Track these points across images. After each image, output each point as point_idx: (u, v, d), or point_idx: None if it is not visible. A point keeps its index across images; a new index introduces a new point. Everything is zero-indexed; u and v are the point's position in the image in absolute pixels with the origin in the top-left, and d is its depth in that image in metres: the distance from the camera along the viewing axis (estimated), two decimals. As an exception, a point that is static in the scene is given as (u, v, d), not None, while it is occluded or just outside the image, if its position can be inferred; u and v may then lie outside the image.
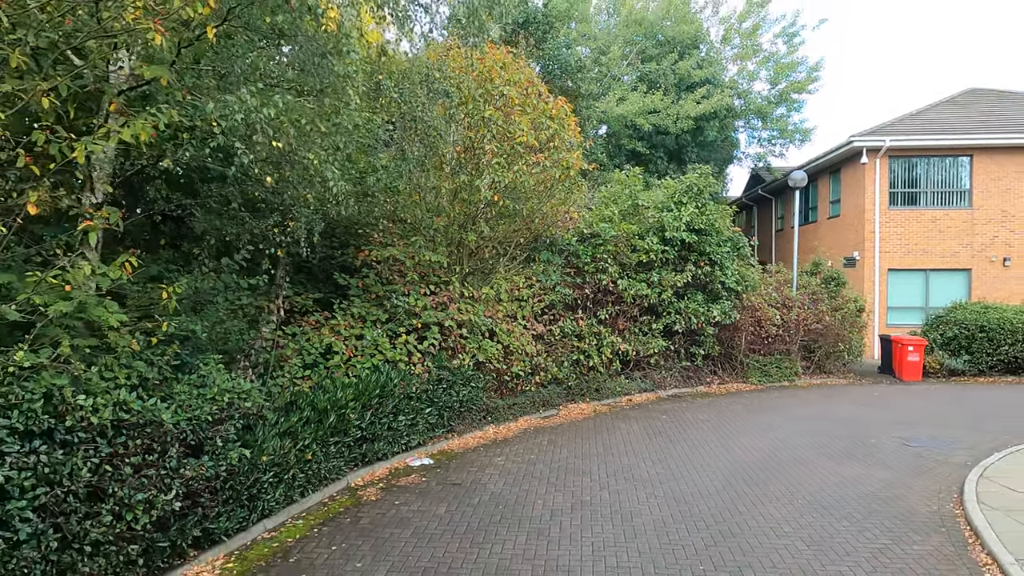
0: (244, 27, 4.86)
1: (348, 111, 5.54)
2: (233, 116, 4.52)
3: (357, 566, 5.59)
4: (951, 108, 22.26)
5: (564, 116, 10.24)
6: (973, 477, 7.68)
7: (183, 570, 5.36)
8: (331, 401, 7.31)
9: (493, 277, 10.58)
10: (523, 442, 9.59)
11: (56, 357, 4.06)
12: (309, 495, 7.02)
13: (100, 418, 4.30)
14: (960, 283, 20.35)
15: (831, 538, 6.08)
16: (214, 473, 5.55)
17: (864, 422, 10.86)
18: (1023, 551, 5.57)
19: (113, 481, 4.48)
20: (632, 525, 6.43)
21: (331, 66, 5.11)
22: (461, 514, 6.76)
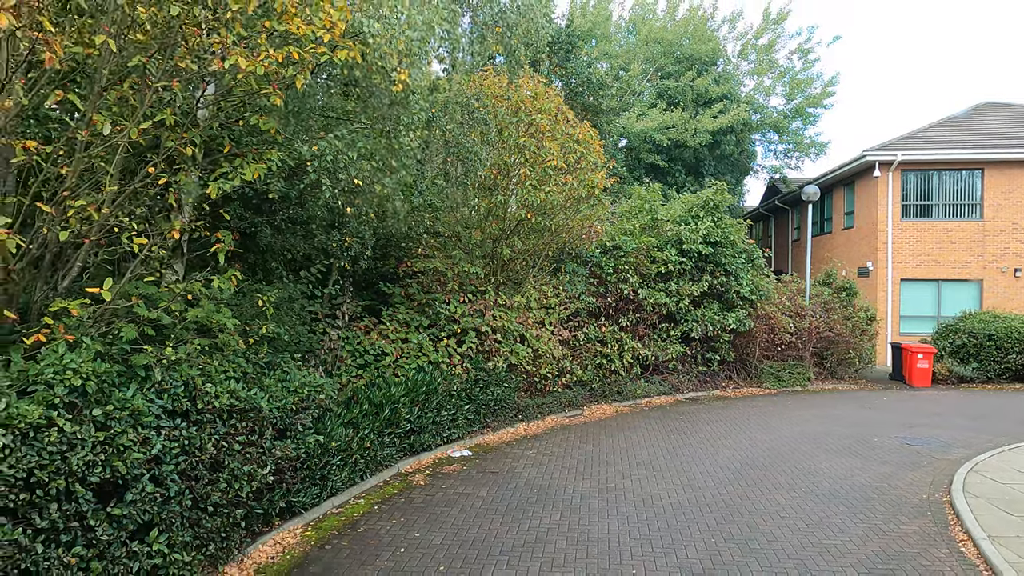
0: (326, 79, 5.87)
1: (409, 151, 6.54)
2: (325, 157, 5.53)
3: (416, 536, 6.55)
4: (964, 122, 22.86)
5: (590, 140, 11.20)
6: (963, 471, 8.46)
7: (272, 535, 6.36)
8: (386, 397, 8.31)
9: (524, 287, 11.54)
10: (551, 438, 10.51)
11: (188, 353, 5.07)
12: (367, 478, 8.00)
13: (220, 403, 5.32)
14: (972, 294, 20.91)
15: (828, 519, 6.92)
16: (296, 454, 6.56)
17: (869, 424, 11.62)
18: (994, 529, 6.39)
19: (227, 455, 5.49)
20: (652, 507, 7.33)
21: (398, 115, 6.12)
22: (500, 496, 7.70)
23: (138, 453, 4.36)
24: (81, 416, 3.97)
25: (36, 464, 3.61)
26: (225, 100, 4.99)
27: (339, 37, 4.80)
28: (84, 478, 3.95)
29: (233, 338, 5.67)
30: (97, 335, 4.42)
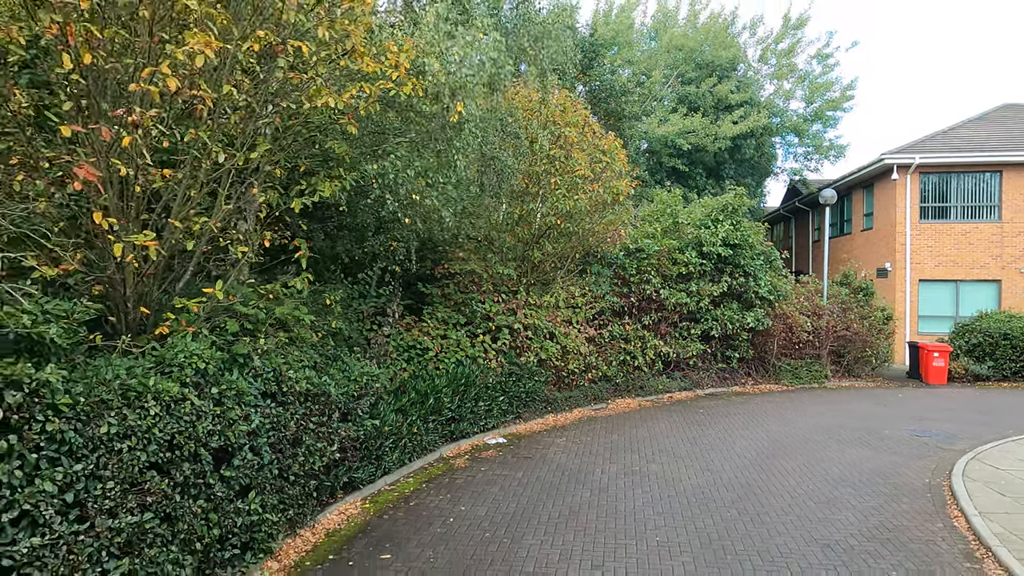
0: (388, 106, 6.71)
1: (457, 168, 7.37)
2: (387, 175, 6.37)
3: (461, 508, 7.37)
4: (982, 124, 23.17)
5: (615, 150, 11.96)
6: (965, 459, 9.09)
7: (336, 506, 7.23)
8: (429, 387, 9.17)
9: (552, 287, 12.34)
10: (579, 428, 11.29)
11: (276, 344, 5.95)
12: (414, 461, 8.85)
13: (300, 387, 6.19)
14: (990, 294, 21.24)
15: (835, 499, 7.62)
16: (356, 435, 7.42)
17: (882, 418, 12.22)
18: (986, 507, 7.05)
19: (304, 432, 6.35)
20: (673, 487, 8.08)
21: (451, 138, 6.95)
22: (535, 477, 8.50)
23: (242, 426, 5.23)
24: (204, 393, 4.85)
25: (176, 430, 4.48)
26: (305, 127, 5.84)
27: (404, 74, 5.64)
28: (207, 444, 4.82)
29: (308, 332, 6.54)
30: (208, 328, 5.30)
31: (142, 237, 4.19)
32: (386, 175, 6.39)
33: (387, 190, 6.56)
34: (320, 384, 6.62)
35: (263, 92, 4.87)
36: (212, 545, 5.02)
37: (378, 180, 6.46)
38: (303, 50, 4.68)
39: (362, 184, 6.62)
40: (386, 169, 6.39)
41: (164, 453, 4.39)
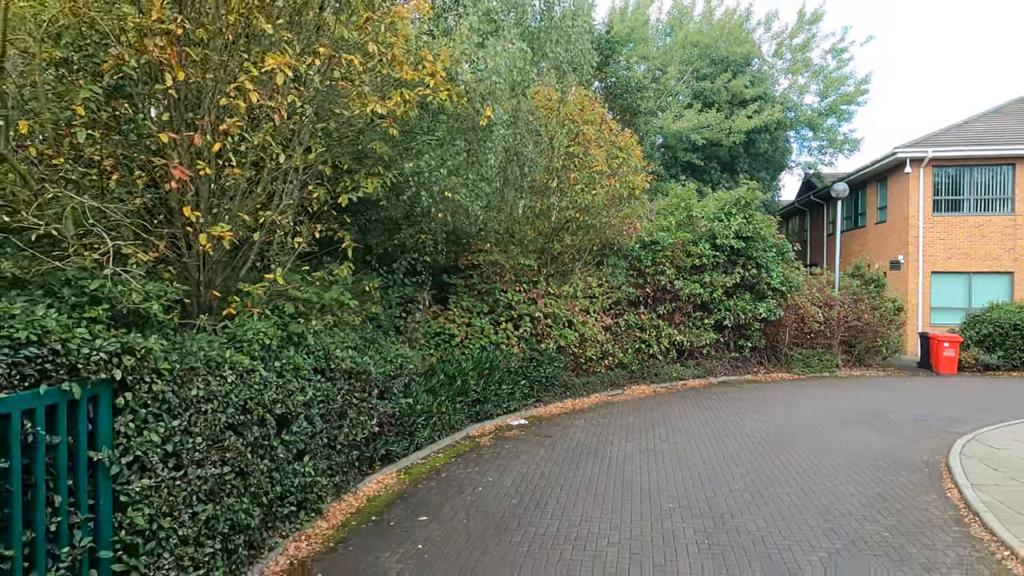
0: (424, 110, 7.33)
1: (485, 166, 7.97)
2: (422, 173, 6.99)
3: (489, 479, 8.00)
4: (996, 118, 23.33)
5: (631, 146, 12.50)
6: (964, 439, 9.57)
7: (375, 477, 7.89)
8: (457, 370, 9.81)
9: (571, 278, 12.92)
10: (596, 411, 11.89)
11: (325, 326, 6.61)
12: (443, 438, 9.51)
13: (345, 365, 6.84)
14: (1003, 286, 21.49)
15: (839, 472, 8.17)
16: (392, 412, 8.08)
17: (889, 404, 12.69)
18: (978, 480, 7.56)
19: (348, 406, 7.01)
20: (686, 462, 8.66)
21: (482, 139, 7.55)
22: (555, 453, 9.11)
23: (299, 396, 5.89)
24: (269, 366, 5.51)
25: (248, 396, 5.14)
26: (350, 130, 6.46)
27: (440, 81, 6.23)
28: (272, 410, 5.48)
29: (351, 316, 7.19)
30: (269, 309, 5.95)
31: (219, 228, 4.84)
32: (421, 173, 7.02)
33: (422, 187, 7.19)
34: (362, 363, 7.28)
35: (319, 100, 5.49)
36: (275, 501, 5.70)
37: (414, 177, 7.08)
38: (355, 62, 5.29)
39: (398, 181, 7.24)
40: (421, 167, 7.02)
41: (239, 416, 5.05)
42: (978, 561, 5.70)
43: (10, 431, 3.29)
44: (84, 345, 3.69)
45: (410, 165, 7.06)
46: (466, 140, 7.66)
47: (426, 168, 7.02)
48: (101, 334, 3.85)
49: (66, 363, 3.60)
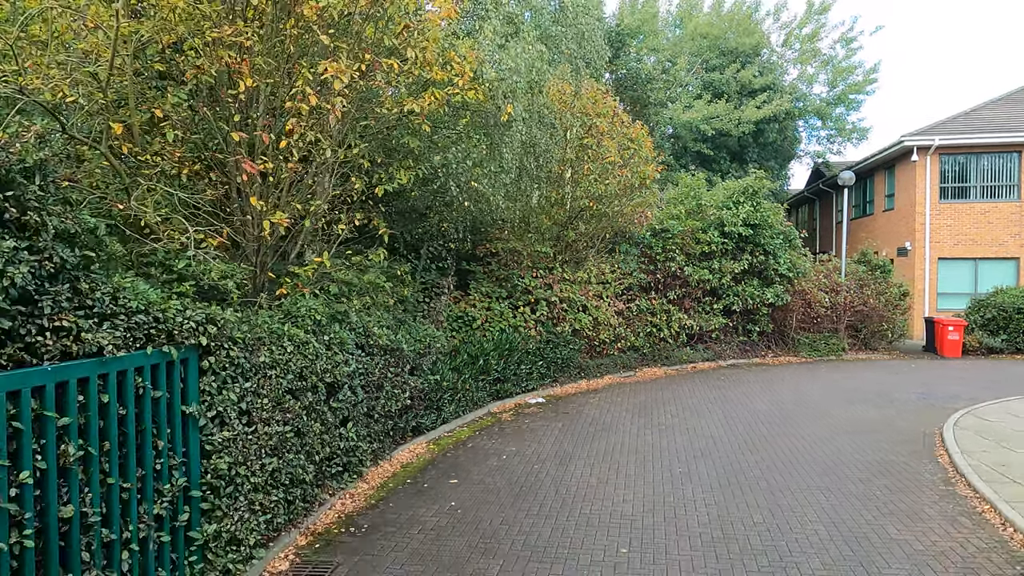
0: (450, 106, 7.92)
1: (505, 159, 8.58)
2: (450, 165, 7.58)
3: (512, 449, 8.65)
4: (1004, 105, 23.59)
5: (642, 138, 13.04)
6: (960, 413, 10.11)
7: (406, 446, 8.55)
8: (479, 350, 10.44)
9: (585, 264, 13.51)
10: (610, 391, 12.50)
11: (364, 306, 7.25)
12: (467, 414, 10.15)
13: (381, 342, 7.49)
14: (1009, 271, 21.84)
15: (837, 443, 8.74)
16: (421, 387, 8.73)
17: (893, 384, 13.20)
18: (968, 448, 8.12)
19: (384, 380, 7.66)
20: (694, 435, 9.27)
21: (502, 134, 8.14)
22: (572, 427, 9.74)
23: (344, 368, 6.54)
24: (319, 339, 6.15)
25: (303, 365, 5.78)
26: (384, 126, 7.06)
27: (467, 81, 6.82)
28: (322, 379, 6.13)
29: (386, 297, 7.83)
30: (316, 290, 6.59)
31: (278, 216, 5.47)
32: (449, 164, 7.62)
33: (450, 177, 7.79)
34: (396, 341, 7.93)
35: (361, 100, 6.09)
36: (324, 461, 6.36)
37: (443, 169, 7.69)
38: (394, 67, 5.88)
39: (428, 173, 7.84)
40: (449, 160, 7.62)
41: (296, 382, 5.70)
42: (960, 514, 6.27)
43: (126, 384, 3.94)
44: (178, 315, 4.33)
45: (438, 158, 7.67)
46: (487, 134, 8.25)
47: (453, 160, 7.64)
48: (190, 306, 4.49)
49: (165, 329, 4.25)
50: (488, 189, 8.49)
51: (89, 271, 3.76)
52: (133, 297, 4.01)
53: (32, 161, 3.36)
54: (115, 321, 3.87)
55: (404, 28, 6.03)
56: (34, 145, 3.42)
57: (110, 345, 3.77)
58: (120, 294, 3.93)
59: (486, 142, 8.34)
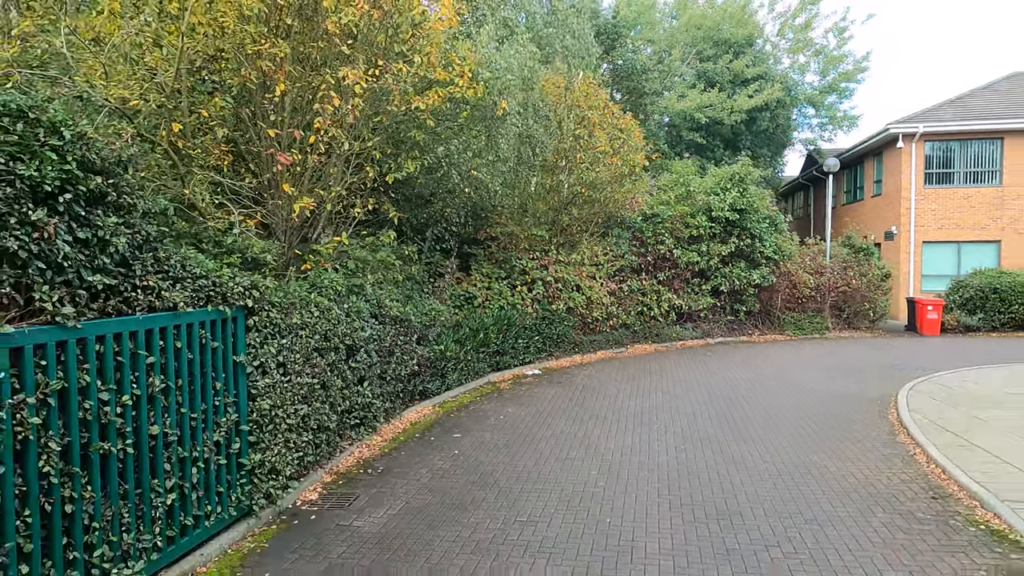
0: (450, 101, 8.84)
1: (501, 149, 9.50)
2: (452, 156, 8.50)
3: (509, 411, 9.63)
4: (988, 94, 24.33)
5: (631, 128, 13.93)
6: (920, 379, 11.05)
7: (413, 408, 9.53)
8: (479, 325, 11.41)
9: (579, 247, 14.45)
10: (601, 364, 13.47)
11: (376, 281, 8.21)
12: (469, 382, 11.13)
13: (392, 313, 8.45)
14: (990, 253, 22.69)
15: (806, 404, 9.71)
16: (427, 356, 9.71)
17: (869, 358, 14.15)
18: (917, 407, 9.08)
19: (395, 347, 8.64)
20: (674, 399, 10.24)
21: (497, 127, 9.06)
22: (565, 393, 10.72)
23: (361, 333, 7.51)
24: (340, 307, 7.12)
25: (327, 328, 6.75)
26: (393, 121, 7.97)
27: (467, 80, 7.72)
28: (343, 341, 7.10)
29: (396, 274, 8.79)
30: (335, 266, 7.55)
31: (305, 200, 6.41)
32: (451, 155, 8.54)
33: (452, 167, 8.72)
34: (405, 313, 8.90)
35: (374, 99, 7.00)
36: (344, 413, 7.35)
37: (445, 159, 8.61)
38: (402, 69, 6.79)
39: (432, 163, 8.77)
40: (451, 151, 8.54)
41: (321, 342, 6.67)
42: (895, 456, 7.25)
43: (193, 334, 4.91)
44: (230, 280, 5.29)
45: (441, 149, 8.60)
46: (485, 126, 9.16)
47: (455, 151, 8.56)
48: (238, 274, 5.45)
49: (220, 292, 5.21)
50: (487, 177, 9.43)
51: (163, 243, 4.71)
52: (196, 265, 4.97)
53: (126, 156, 4.31)
54: (184, 283, 4.83)
55: (411, 36, 6.94)
56: (126, 144, 4.32)
57: (182, 302, 4.74)
58: (187, 262, 4.90)
59: (484, 134, 9.26)
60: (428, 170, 9.01)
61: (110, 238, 4.08)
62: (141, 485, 4.38)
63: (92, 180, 3.97)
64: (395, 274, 8.78)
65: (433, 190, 10.92)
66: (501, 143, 9.23)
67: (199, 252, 5.50)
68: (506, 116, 8.98)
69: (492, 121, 9.00)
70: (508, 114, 8.94)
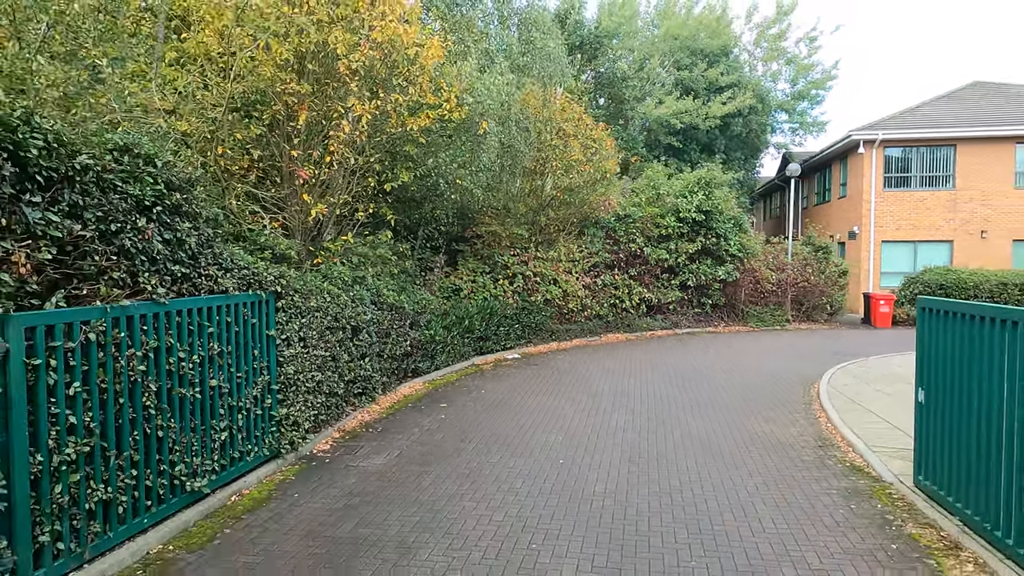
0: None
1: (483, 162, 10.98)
2: (440, 167, 9.97)
3: (490, 386, 11.14)
4: (946, 103, 26.03)
5: (603, 138, 15.45)
6: (850, 363, 12.65)
7: (406, 384, 11.02)
8: (465, 313, 12.91)
9: (556, 245, 15.96)
10: (576, 351, 15.00)
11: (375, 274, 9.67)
12: (455, 363, 12.63)
13: (389, 301, 9.93)
14: (943, 252, 24.40)
15: (750, 382, 11.27)
16: (419, 339, 11.19)
17: (817, 346, 15.75)
18: (837, 383, 10.67)
19: (391, 330, 10.12)
20: (637, 377, 11.79)
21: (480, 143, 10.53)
22: (540, 373, 12.24)
23: (364, 316, 8.98)
24: (346, 294, 8.59)
25: (336, 311, 8.21)
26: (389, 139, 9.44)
27: (453, 104, 9.18)
28: (349, 322, 8.57)
29: (392, 267, 10.27)
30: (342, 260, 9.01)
31: (319, 206, 7.86)
32: (439, 166, 10.01)
33: (440, 176, 10.19)
34: (399, 301, 10.38)
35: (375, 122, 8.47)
36: (350, 383, 8.83)
37: (435, 170, 10.08)
38: (400, 99, 8.25)
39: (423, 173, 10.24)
40: (439, 163, 10.02)
41: (332, 322, 8.15)
42: (804, 419, 8.81)
43: (239, 312, 6.37)
44: (264, 271, 6.75)
45: (431, 161, 10.07)
46: (469, 142, 10.62)
47: (443, 163, 10.03)
48: (269, 267, 6.92)
49: (257, 280, 6.66)
50: (470, 185, 10.90)
51: (217, 242, 6.18)
52: (240, 259, 6.44)
53: (193, 177, 5.77)
54: (232, 273, 6.30)
55: (406, 70, 8.40)
56: (193, 168, 5.75)
57: (231, 287, 6.21)
58: (234, 256, 6.36)
59: (468, 149, 10.72)
60: (420, 179, 10.48)
61: (185, 238, 5.54)
62: (204, 423, 5.85)
63: (173, 196, 5.43)
64: (391, 268, 10.25)
65: (424, 195, 12.38)
66: (483, 156, 10.71)
67: (239, 249, 6.96)
68: (487, 134, 10.45)
69: (475, 138, 10.47)
70: (488, 132, 10.42)
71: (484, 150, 10.69)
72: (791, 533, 5.26)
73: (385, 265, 10.19)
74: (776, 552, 4.93)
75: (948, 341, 5.42)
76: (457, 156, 10.39)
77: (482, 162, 10.80)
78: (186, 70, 6.69)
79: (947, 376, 5.44)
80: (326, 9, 6.97)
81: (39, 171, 4.23)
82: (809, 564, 4.74)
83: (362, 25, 7.55)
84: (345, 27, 7.30)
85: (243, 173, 7.47)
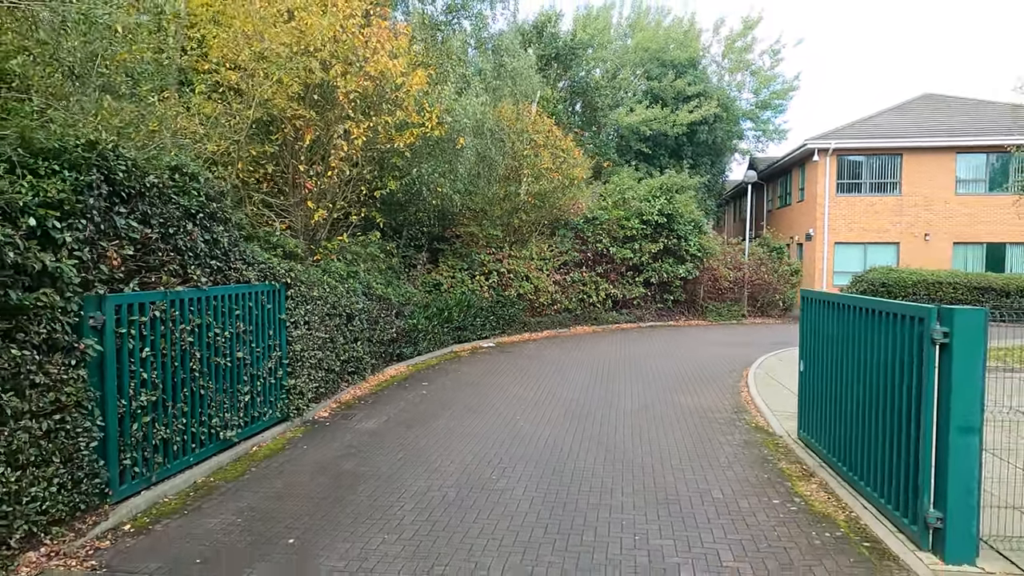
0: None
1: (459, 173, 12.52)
2: (423, 176, 11.47)
3: (466, 369, 12.65)
4: (893, 114, 27.98)
5: (571, 148, 17.04)
6: (784, 350, 14.34)
7: (391, 367, 12.49)
8: (444, 305, 14.41)
9: (528, 244, 17.51)
10: (546, 341, 16.57)
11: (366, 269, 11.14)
12: (436, 350, 14.13)
13: (378, 293, 11.40)
14: (891, 254, 26.32)
15: (695, 366, 12.89)
16: (403, 327, 12.69)
17: (764, 337, 17.45)
18: (767, 367, 12.32)
19: (379, 318, 11.60)
20: (600, 362, 13.37)
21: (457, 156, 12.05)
22: (512, 359, 13.78)
23: (357, 305, 10.45)
24: (342, 286, 10.05)
25: (334, 300, 9.67)
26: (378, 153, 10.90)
27: (434, 123, 10.68)
28: (345, 310, 10.03)
29: (381, 263, 11.74)
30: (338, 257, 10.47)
31: (320, 212, 9.31)
32: (422, 176, 11.52)
33: (423, 184, 11.69)
34: (387, 293, 11.87)
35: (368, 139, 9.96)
36: (344, 363, 10.31)
37: (418, 179, 11.58)
38: (388, 120, 9.74)
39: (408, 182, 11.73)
40: (422, 173, 11.53)
41: (330, 310, 9.61)
42: (729, 394, 10.45)
43: (258, 299, 7.83)
44: (276, 266, 8.21)
45: (415, 171, 11.57)
46: (447, 155, 12.14)
47: (425, 173, 11.54)
48: (281, 262, 8.37)
49: (272, 273, 8.12)
50: (450, 191, 12.42)
51: (241, 242, 7.63)
52: (259, 255, 7.90)
53: (225, 189, 7.21)
54: (254, 267, 7.76)
55: (394, 94, 9.90)
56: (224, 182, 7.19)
57: (253, 278, 7.67)
58: (255, 253, 7.83)
59: (448, 160, 12.23)
60: (405, 186, 11.97)
61: (219, 239, 7.00)
62: (232, 387, 7.32)
63: (211, 205, 6.89)
64: (380, 264, 11.73)
65: (408, 200, 13.86)
66: (459, 168, 12.23)
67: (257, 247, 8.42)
68: (463, 149, 11.96)
69: (454, 150, 11.97)
70: (465, 147, 11.93)
71: (461, 161, 12.21)
72: (691, 468, 6.86)
73: (374, 262, 11.65)
74: (676, 478, 6.52)
75: (814, 322, 7.06)
76: (438, 167, 11.91)
77: (459, 172, 12.35)
78: (213, 100, 8.13)
79: (814, 349, 7.08)
80: (329, 48, 8.44)
81: (123, 188, 5.69)
82: (698, 485, 6.33)
83: (357, 59, 9.03)
84: (343, 63, 8.78)
85: (258, 184, 8.90)
